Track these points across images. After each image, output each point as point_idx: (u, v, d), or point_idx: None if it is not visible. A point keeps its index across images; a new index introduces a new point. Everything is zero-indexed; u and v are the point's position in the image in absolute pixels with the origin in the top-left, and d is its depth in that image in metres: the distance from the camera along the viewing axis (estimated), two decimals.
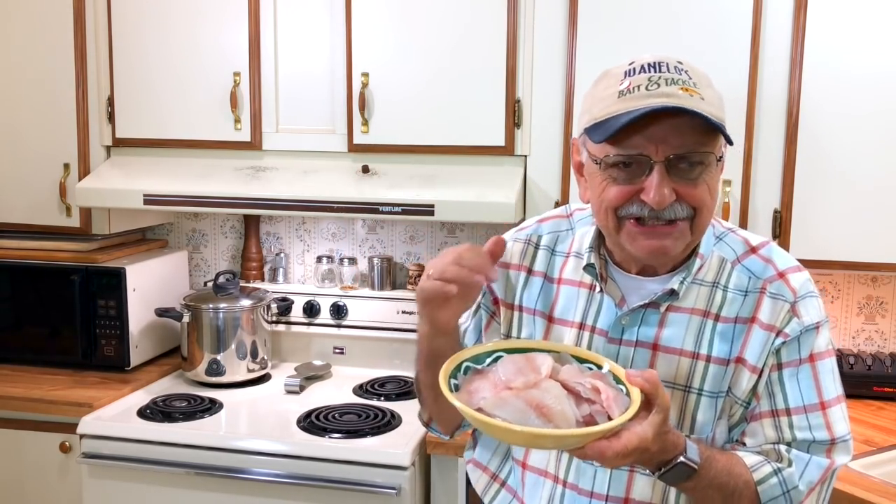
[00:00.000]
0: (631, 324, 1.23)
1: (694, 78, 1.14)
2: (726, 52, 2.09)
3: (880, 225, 2.09)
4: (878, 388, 2.31)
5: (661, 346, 1.22)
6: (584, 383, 1.08)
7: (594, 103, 1.16)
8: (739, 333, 1.20)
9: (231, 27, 2.38)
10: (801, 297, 1.20)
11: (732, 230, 1.29)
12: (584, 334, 1.26)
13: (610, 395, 1.06)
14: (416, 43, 2.27)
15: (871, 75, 2.05)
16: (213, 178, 2.37)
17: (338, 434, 2.09)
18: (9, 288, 2.56)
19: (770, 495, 1.17)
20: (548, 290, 1.31)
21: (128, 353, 2.51)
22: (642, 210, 1.13)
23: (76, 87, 2.46)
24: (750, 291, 1.21)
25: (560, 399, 1.05)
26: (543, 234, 1.35)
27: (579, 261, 1.29)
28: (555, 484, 1.28)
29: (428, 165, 2.29)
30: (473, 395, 1.07)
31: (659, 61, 1.14)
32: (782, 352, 1.19)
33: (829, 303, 2.48)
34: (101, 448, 2.15)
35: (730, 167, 2.12)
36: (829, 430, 1.19)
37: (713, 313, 1.21)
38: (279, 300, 2.64)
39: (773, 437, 1.20)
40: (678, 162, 1.12)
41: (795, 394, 1.19)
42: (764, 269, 1.22)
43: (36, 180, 2.53)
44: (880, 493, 1.72)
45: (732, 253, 1.25)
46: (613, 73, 1.16)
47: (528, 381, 1.07)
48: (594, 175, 1.18)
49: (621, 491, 1.24)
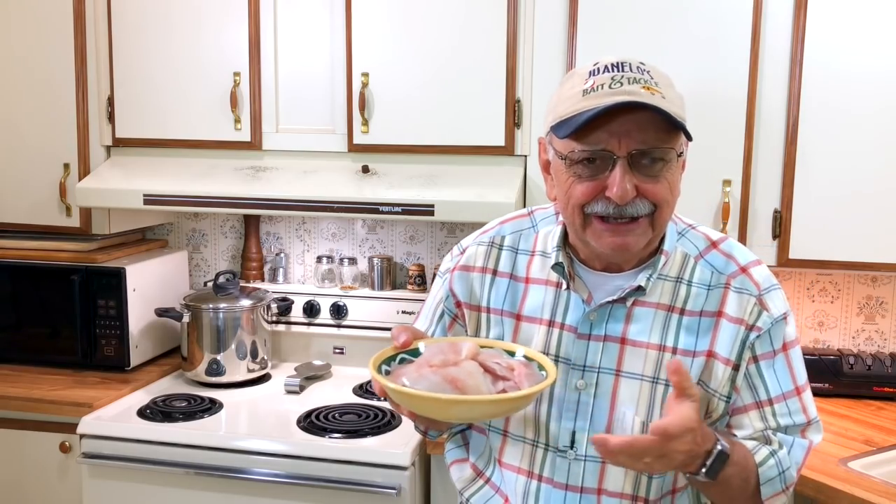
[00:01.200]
0: (598, 319, 1.27)
1: (656, 78, 1.18)
2: (726, 52, 2.09)
3: (880, 225, 2.10)
4: (878, 388, 2.31)
5: (628, 339, 1.26)
6: (501, 363, 1.18)
7: (559, 102, 1.21)
8: (706, 327, 1.25)
9: (231, 27, 2.38)
10: (766, 291, 1.26)
11: (693, 226, 1.33)
12: (554, 331, 1.30)
13: (522, 372, 1.15)
14: (415, 43, 2.27)
15: (871, 75, 2.06)
16: (213, 178, 2.37)
17: (338, 434, 2.09)
18: (9, 288, 2.56)
19: (768, 476, 1.22)
20: (515, 290, 1.35)
21: (128, 353, 2.51)
22: (607, 208, 1.18)
23: (76, 87, 2.46)
24: (714, 286, 1.26)
25: (474, 375, 1.15)
26: (506, 234, 1.39)
27: (545, 259, 1.33)
28: (529, 479, 1.32)
29: (428, 165, 2.29)
30: (399, 377, 1.17)
31: (622, 61, 1.19)
32: (756, 345, 1.24)
33: (829, 303, 2.48)
34: (101, 448, 2.15)
35: (730, 167, 2.13)
36: (805, 412, 1.27)
37: (678, 307, 1.26)
38: (279, 300, 2.64)
39: (761, 427, 1.26)
40: (640, 158, 1.16)
41: (774, 383, 1.25)
42: (726, 265, 1.28)
43: (36, 180, 2.53)
44: (880, 493, 1.72)
45: (695, 249, 1.30)
46: (578, 74, 1.21)
47: (448, 360, 1.17)
48: (560, 172, 1.22)
49: (594, 482, 1.27)
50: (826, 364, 2.33)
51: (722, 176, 2.13)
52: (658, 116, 1.13)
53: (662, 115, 1.13)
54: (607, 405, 1.26)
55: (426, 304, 1.46)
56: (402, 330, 1.25)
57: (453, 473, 1.47)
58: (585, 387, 1.27)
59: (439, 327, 1.42)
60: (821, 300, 2.49)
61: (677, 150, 1.19)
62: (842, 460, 1.89)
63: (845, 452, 1.94)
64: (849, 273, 2.45)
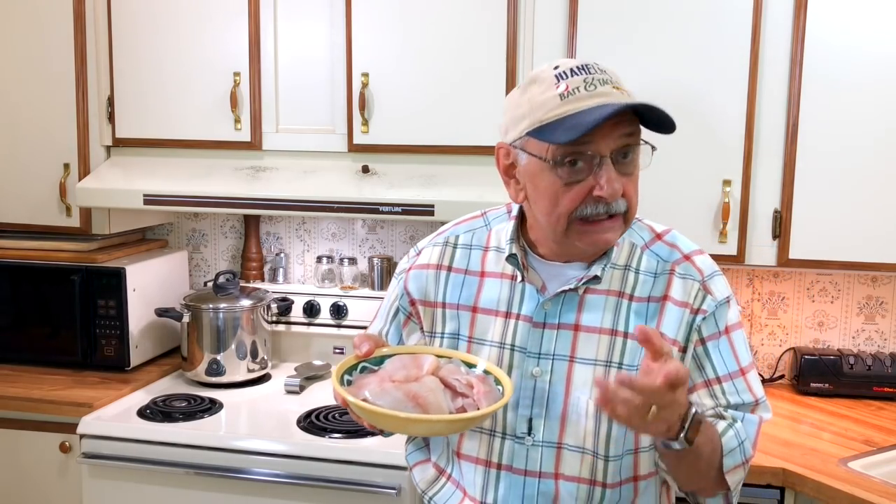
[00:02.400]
0: (553, 308, 1.31)
1: (614, 77, 1.22)
2: (726, 52, 2.10)
3: (880, 225, 2.10)
4: (878, 388, 2.31)
5: (581, 326, 1.31)
6: (461, 379, 1.23)
7: (533, 108, 1.22)
8: (654, 311, 1.30)
9: (231, 27, 2.38)
10: (709, 276, 1.32)
11: (639, 219, 1.38)
12: (510, 322, 1.34)
13: (481, 391, 1.20)
14: (416, 43, 2.27)
15: (871, 75, 2.06)
16: (213, 178, 2.37)
17: (338, 434, 2.09)
18: (9, 288, 2.56)
19: (730, 447, 1.26)
20: (470, 284, 1.38)
21: (128, 353, 2.51)
22: (596, 208, 1.22)
23: (76, 87, 2.46)
24: (659, 273, 1.32)
25: (435, 392, 1.20)
26: (460, 233, 1.44)
27: (500, 254, 1.38)
28: (487, 468, 1.35)
29: (428, 165, 2.29)
30: (361, 389, 1.21)
31: (584, 64, 1.22)
32: (702, 328, 1.29)
33: (829, 303, 2.48)
34: (101, 448, 2.15)
35: (730, 167, 2.13)
36: (751, 391, 1.32)
37: (627, 294, 1.31)
38: (279, 300, 2.64)
39: (711, 404, 1.31)
40: (620, 156, 1.21)
41: (720, 363, 1.30)
42: (670, 254, 1.33)
43: (36, 180, 2.53)
44: (880, 493, 1.72)
45: (641, 239, 1.35)
46: (544, 78, 1.23)
47: (410, 375, 1.22)
48: (538, 176, 1.25)
49: (551, 467, 1.31)
50: (826, 364, 2.33)
51: (722, 176, 2.14)
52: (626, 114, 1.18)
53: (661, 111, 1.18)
54: (562, 391, 1.30)
55: (382, 303, 1.51)
56: (365, 339, 1.30)
57: (416, 475, 1.49)
58: (541, 374, 1.31)
59: (393, 326, 1.46)
60: (821, 300, 2.49)
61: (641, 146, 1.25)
62: (842, 460, 1.89)
63: (845, 452, 1.94)
64: (849, 273, 2.45)
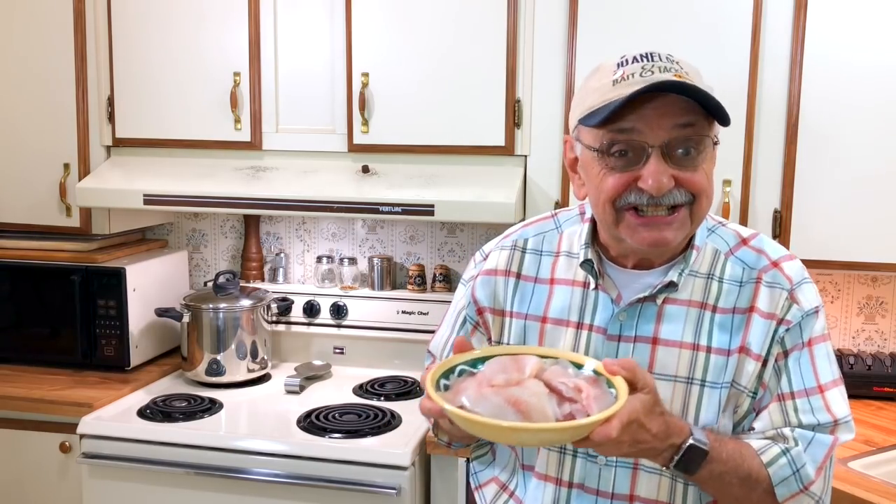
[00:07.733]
0: (629, 319, 1.23)
1: (685, 68, 1.16)
2: (726, 52, 2.09)
3: (880, 225, 2.09)
4: (878, 388, 2.31)
5: (660, 339, 1.22)
6: (568, 382, 1.07)
7: (587, 94, 1.17)
8: (739, 323, 1.21)
9: (231, 27, 2.38)
10: (798, 284, 1.22)
11: (723, 223, 1.30)
12: (582, 333, 1.26)
13: (591, 394, 1.05)
14: (416, 43, 2.27)
15: (871, 75, 2.05)
16: (213, 178, 2.37)
17: (338, 434, 2.09)
18: (9, 288, 2.56)
19: (781, 476, 1.17)
20: (540, 293, 1.31)
21: (128, 353, 2.51)
22: (640, 198, 1.13)
23: (76, 87, 2.46)
24: (745, 282, 1.22)
25: (539, 396, 1.05)
26: (529, 237, 1.36)
27: (571, 259, 1.29)
28: (558, 486, 1.28)
29: (428, 165, 2.29)
30: (459, 395, 1.07)
31: (651, 52, 1.16)
32: (786, 339, 1.20)
33: (829, 303, 2.48)
34: (101, 448, 2.15)
35: (730, 167, 2.13)
36: (828, 411, 1.20)
37: (710, 304, 1.22)
38: (279, 300, 2.64)
39: (780, 422, 1.21)
40: (675, 148, 1.13)
41: (797, 378, 1.20)
42: (757, 260, 1.24)
43: (36, 180, 2.53)
44: (880, 493, 1.72)
45: (725, 245, 1.26)
46: (606, 67, 1.18)
47: (510, 379, 1.08)
48: (590, 166, 1.18)
49: (626, 488, 1.23)
50: None
51: (722, 176, 2.13)
52: (691, 103, 1.10)
53: (697, 97, 1.10)
54: None
55: (448, 311, 1.43)
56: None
57: (486, 494, 1.39)
58: None
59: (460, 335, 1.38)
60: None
61: (712, 138, 1.15)
62: (842, 460, 1.89)
63: (845, 452, 1.94)
64: (849, 273, 2.44)
